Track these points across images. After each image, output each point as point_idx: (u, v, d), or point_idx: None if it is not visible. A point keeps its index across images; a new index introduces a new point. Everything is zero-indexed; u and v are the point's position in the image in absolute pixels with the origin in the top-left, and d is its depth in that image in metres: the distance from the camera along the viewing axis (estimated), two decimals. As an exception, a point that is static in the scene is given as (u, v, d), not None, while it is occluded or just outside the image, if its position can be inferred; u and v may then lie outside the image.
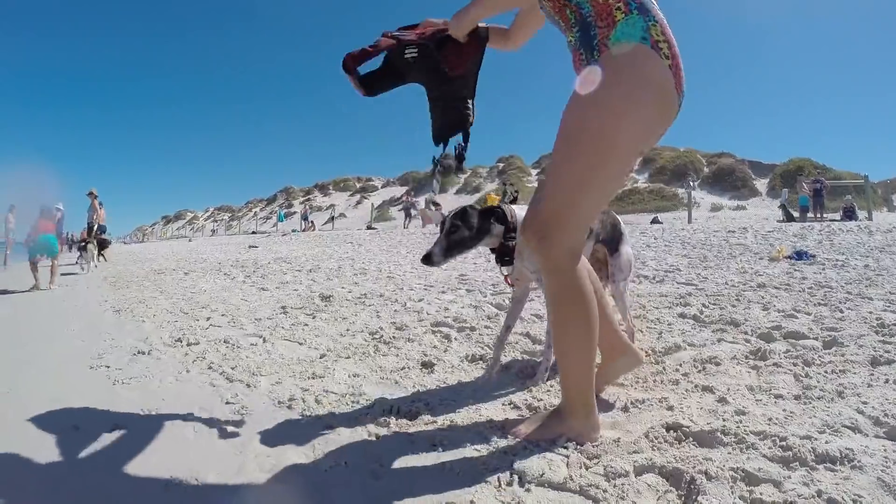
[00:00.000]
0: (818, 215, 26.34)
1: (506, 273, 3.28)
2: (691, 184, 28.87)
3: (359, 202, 57.52)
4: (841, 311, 4.95)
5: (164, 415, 3.24)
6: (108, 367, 4.33)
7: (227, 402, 3.39)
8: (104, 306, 7.77)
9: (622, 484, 2.10)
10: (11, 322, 7.03)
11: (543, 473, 2.23)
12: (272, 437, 2.85)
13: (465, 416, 3.01)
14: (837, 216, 25.80)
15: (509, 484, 2.21)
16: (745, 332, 4.31)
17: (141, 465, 2.60)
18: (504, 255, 3.18)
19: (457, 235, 3.06)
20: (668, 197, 41.27)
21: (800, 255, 8.63)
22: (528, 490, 2.16)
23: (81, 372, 4.24)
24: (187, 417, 3.17)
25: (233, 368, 4.10)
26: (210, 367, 4.18)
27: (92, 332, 5.82)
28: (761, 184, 43.90)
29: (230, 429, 3.00)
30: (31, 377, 4.17)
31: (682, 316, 5.06)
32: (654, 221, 23.54)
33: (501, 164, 58.58)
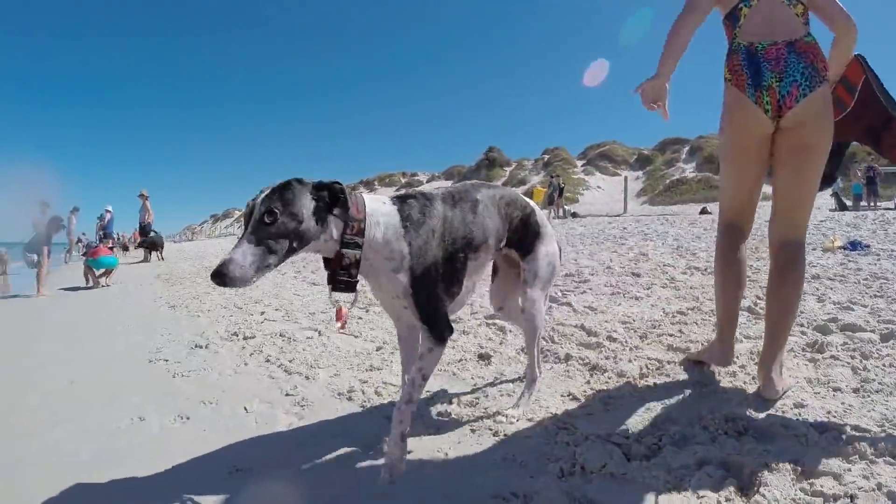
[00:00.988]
0: (871, 203, 25.39)
1: (340, 305, 2.30)
2: (741, 172, 28.13)
3: (405, 196, 57.84)
4: (902, 302, 4.74)
5: (226, 406, 3.26)
6: (167, 360, 4.41)
7: (287, 394, 3.38)
8: (159, 302, 7.96)
9: (684, 475, 2.10)
10: (71, 319, 7.22)
11: (605, 464, 2.22)
12: (333, 427, 2.84)
13: (531, 410, 2.95)
14: (891, 204, 24.84)
15: (571, 474, 2.21)
16: (801, 325, 4.14)
17: (205, 453, 2.63)
18: (341, 272, 2.14)
19: (275, 229, 1.95)
20: (716, 186, 40.08)
21: (854, 246, 8.15)
22: (589, 480, 2.15)
23: (141, 365, 4.33)
24: (248, 408, 3.19)
25: (290, 361, 4.10)
26: (268, 360, 4.19)
27: (149, 328, 5.94)
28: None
29: (291, 419, 2.99)
30: (93, 370, 4.26)
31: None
32: (703, 212, 22.94)
33: (547, 156, 57.96)
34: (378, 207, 2.23)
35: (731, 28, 2.85)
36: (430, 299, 2.26)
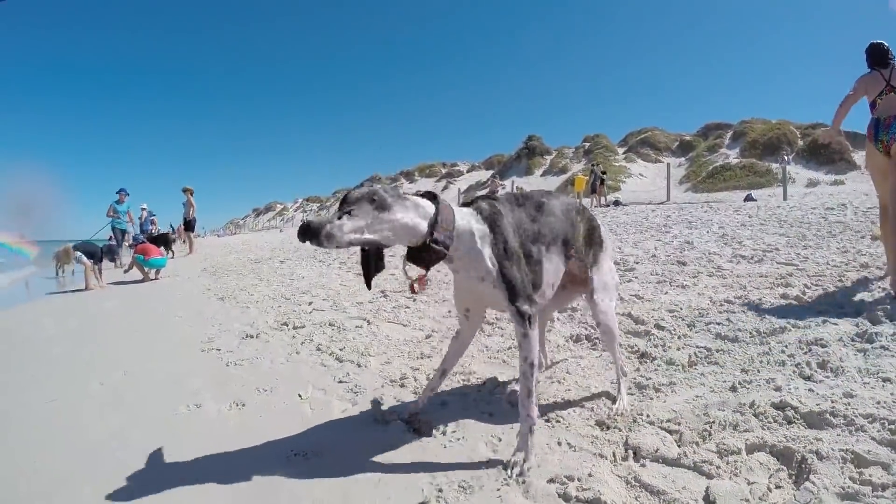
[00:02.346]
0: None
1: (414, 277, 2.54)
2: (785, 158, 27.31)
3: (445, 187, 57.28)
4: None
5: (280, 393, 3.35)
6: (220, 349, 4.52)
7: (340, 381, 3.47)
8: (207, 294, 8.13)
9: (735, 461, 2.15)
10: (124, 312, 7.41)
11: (658, 449, 2.29)
12: (387, 414, 2.90)
13: (575, 393, 3.04)
14: None
15: (625, 458, 2.28)
16: (850, 314, 4.07)
17: (262, 439, 2.71)
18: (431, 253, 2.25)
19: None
20: (760, 173, 39.20)
21: None
22: (643, 465, 2.21)
23: (194, 355, 4.45)
24: (303, 395, 3.28)
25: (341, 350, 4.19)
26: (318, 349, 4.28)
27: (199, 319, 6.10)
28: (860, 156, 40.58)
29: (345, 406, 3.07)
30: (148, 361, 4.39)
31: (783, 297, 4.82)
32: (748, 199, 22.35)
33: (587, 144, 57.24)
34: (460, 211, 2.39)
35: (872, 109, 4.99)
36: (516, 277, 2.31)
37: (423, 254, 2.23)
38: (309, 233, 1.97)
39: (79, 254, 10.27)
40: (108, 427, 3.01)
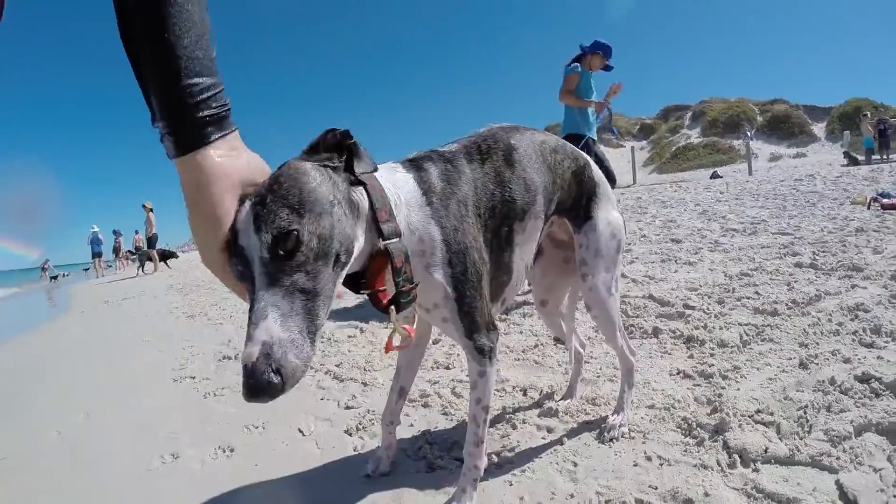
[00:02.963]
0: (884, 156, 25.04)
1: (399, 323, 1.48)
2: (748, 134, 27.77)
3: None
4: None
5: (276, 429, 2.73)
6: (194, 377, 3.88)
7: (348, 407, 2.89)
8: (175, 313, 7.48)
9: (851, 448, 1.88)
10: (86, 338, 6.72)
11: (767, 448, 1.94)
12: (415, 442, 2.34)
13: (638, 392, 2.57)
14: None
15: (732, 466, 1.89)
16: (872, 277, 4.04)
17: (262, 494, 2.11)
18: (399, 279, 1.44)
19: (303, 259, 1.15)
20: (723, 150, 40.11)
21: (885, 196, 8.12)
22: (756, 470, 1.85)
23: (166, 386, 3.78)
24: (304, 431, 2.66)
25: (338, 366, 3.61)
26: (311, 368, 3.65)
27: (169, 342, 5.43)
28: (819, 128, 41.93)
29: (360, 439, 2.47)
30: (113, 398, 3.70)
31: (798, 265, 4.78)
32: (714, 176, 22.74)
33: (548, 132, 57.76)
34: (391, 178, 1.56)
35: None
36: (477, 304, 1.63)
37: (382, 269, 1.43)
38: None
39: None
40: (65, 496, 2.35)
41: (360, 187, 1.40)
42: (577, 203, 2.07)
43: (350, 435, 2.53)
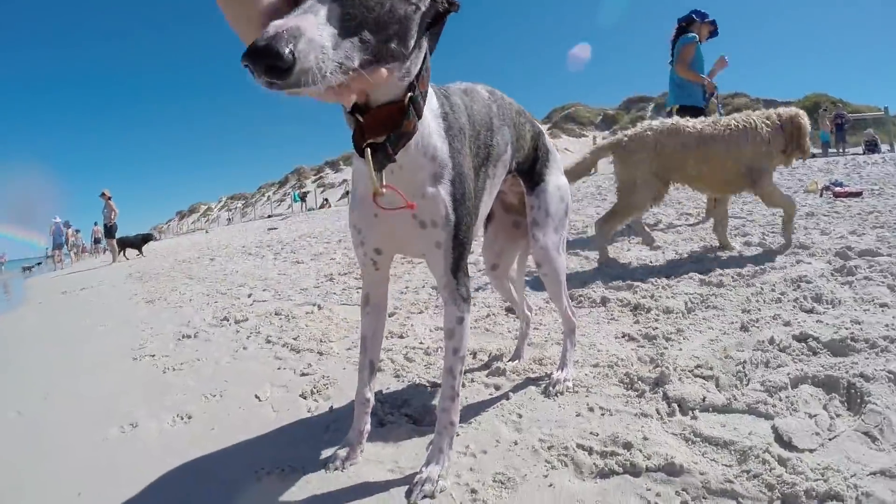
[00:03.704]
0: (840, 150, 25.63)
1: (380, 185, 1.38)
2: (709, 125, 28.18)
3: (372, 175, 57.15)
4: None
5: (232, 397, 2.76)
6: (153, 355, 3.84)
7: (303, 374, 2.94)
8: (134, 299, 7.33)
9: (787, 397, 2.01)
10: (40, 329, 6.56)
11: (704, 398, 2.05)
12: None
13: (583, 353, 2.71)
14: (859, 150, 24.99)
15: (671, 414, 2.00)
16: (817, 255, 4.20)
17: (221, 457, 2.12)
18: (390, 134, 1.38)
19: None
20: (684, 141, 40.52)
21: (837, 185, 8.40)
22: (694, 417, 1.96)
23: (125, 365, 3.74)
24: (261, 396, 2.70)
25: (295, 339, 3.64)
26: (268, 341, 3.71)
27: (127, 326, 5.34)
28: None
29: (314, 402, 2.53)
30: (71, 379, 3.65)
31: (747, 244, 4.97)
32: (675, 166, 22.93)
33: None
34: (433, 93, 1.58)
35: None
36: (468, 239, 1.66)
37: (391, 120, 1.37)
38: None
39: None
40: (27, 464, 2.33)
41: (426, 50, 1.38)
42: (532, 166, 2.17)
43: (305, 398, 2.58)
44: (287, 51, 0.94)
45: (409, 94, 1.36)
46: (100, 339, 4.96)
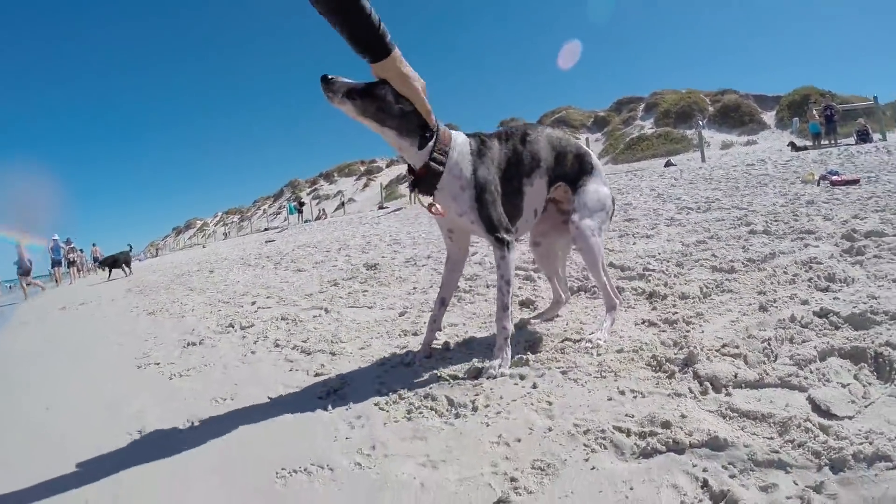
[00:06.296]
0: (832, 141, 25.70)
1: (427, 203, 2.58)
2: (700, 123, 28.26)
3: (366, 185, 56.89)
4: (905, 213, 4.78)
5: (244, 400, 2.69)
6: (159, 363, 3.77)
7: (317, 374, 2.86)
8: (136, 311, 7.25)
9: (817, 369, 2.02)
10: (40, 342, 6.44)
11: (736, 374, 2.04)
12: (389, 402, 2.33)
13: (614, 342, 2.67)
14: (851, 140, 25.07)
15: (704, 392, 1.98)
16: (823, 238, 4.21)
17: (236, 461, 2.04)
18: (430, 179, 2.47)
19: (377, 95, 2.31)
20: (676, 140, 40.62)
21: (834, 174, 8.48)
22: (729, 394, 1.95)
23: (130, 373, 3.67)
24: (275, 399, 2.62)
25: (304, 342, 3.57)
26: (277, 345, 3.64)
27: (131, 336, 5.27)
28: (769, 116, 42.62)
29: (333, 401, 2.43)
30: (77, 388, 3.59)
31: (752, 233, 4.94)
32: (668, 164, 23.01)
33: (502, 128, 58.06)
34: (458, 135, 2.57)
35: None
36: (492, 212, 2.51)
37: (424, 176, 2.45)
38: (323, 80, 2.24)
39: None
40: (30, 473, 2.20)
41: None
42: (577, 176, 2.87)
43: (321, 398, 2.51)
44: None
45: (430, 159, 2.43)
46: (104, 348, 4.91)
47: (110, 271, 18.91)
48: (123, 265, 18.78)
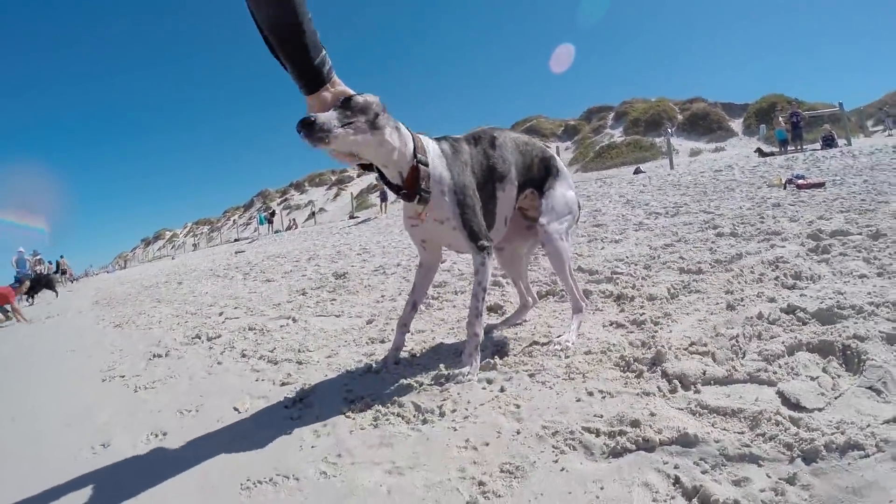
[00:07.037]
0: (798, 147, 26.14)
1: (419, 209, 2.47)
2: (669, 131, 28.59)
3: (337, 194, 56.66)
4: (867, 213, 4.89)
5: (209, 411, 2.64)
6: (124, 376, 3.70)
7: (283, 383, 2.82)
8: (102, 324, 7.10)
9: (786, 363, 2.04)
10: (4, 353, 6.32)
11: (704, 371, 2.06)
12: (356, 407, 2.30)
13: (582, 344, 2.66)
14: (817, 146, 25.55)
15: (673, 391, 1.99)
16: (789, 239, 4.26)
17: (201, 472, 1.99)
18: (420, 186, 2.37)
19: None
20: (645, 147, 41.01)
21: (800, 178, 8.65)
22: (698, 391, 1.95)
23: (95, 386, 3.59)
24: (240, 409, 2.58)
25: (271, 351, 3.52)
26: (244, 355, 3.58)
27: (97, 348, 5.16)
28: (736, 124, 43.22)
29: (299, 410, 2.40)
30: (40, 401, 3.50)
31: (719, 235, 4.98)
32: (637, 171, 23.27)
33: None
34: (427, 142, 2.50)
35: None
36: (474, 220, 2.47)
37: (413, 184, 2.38)
38: (306, 126, 1.98)
39: None
40: None
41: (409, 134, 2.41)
42: (542, 180, 2.91)
43: (287, 407, 2.46)
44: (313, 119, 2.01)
45: (416, 160, 2.36)
46: (68, 362, 4.81)
47: (33, 297, 16.96)
48: (46, 287, 17.41)
